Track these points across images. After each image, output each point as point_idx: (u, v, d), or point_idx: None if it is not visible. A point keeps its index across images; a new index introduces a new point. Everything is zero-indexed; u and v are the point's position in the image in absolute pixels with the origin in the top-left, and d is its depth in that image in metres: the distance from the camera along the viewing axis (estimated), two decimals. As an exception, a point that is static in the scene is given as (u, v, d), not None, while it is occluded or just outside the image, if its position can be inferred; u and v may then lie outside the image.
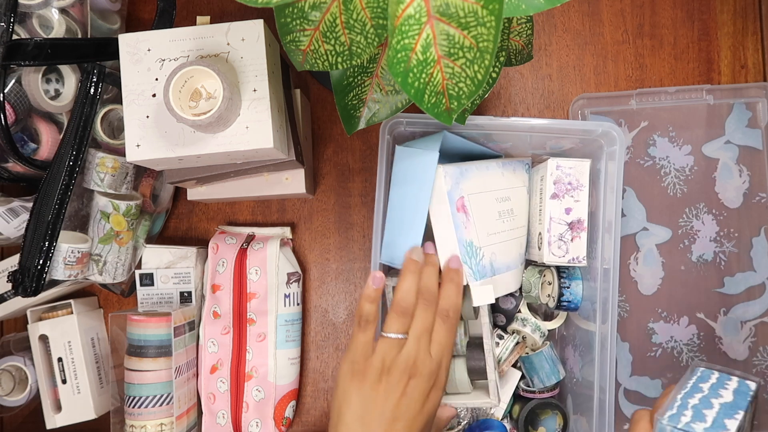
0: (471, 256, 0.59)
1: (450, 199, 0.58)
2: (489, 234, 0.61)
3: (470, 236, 0.59)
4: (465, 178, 0.59)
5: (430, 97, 0.42)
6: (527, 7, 0.41)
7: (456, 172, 0.59)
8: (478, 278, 0.59)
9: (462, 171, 0.59)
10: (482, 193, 0.61)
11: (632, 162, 0.74)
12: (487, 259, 0.60)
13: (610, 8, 0.76)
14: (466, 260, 0.58)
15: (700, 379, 0.51)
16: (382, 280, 0.55)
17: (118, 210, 0.65)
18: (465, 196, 0.59)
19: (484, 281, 0.59)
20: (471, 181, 0.60)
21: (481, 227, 0.60)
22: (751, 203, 0.73)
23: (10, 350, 0.72)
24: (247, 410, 0.69)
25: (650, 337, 0.73)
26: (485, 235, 0.60)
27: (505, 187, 0.64)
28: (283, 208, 0.77)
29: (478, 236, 0.59)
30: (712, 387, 0.49)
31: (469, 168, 0.60)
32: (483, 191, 0.61)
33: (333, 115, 0.77)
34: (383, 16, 0.43)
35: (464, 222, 0.58)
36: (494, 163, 0.63)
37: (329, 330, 0.76)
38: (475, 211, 0.60)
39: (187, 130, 0.55)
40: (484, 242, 0.60)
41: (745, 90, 0.73)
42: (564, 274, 0.66)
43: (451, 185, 0.58)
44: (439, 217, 0.58)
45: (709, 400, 0.48)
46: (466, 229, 0.59)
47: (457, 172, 0.59)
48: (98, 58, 0.61)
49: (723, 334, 0.72)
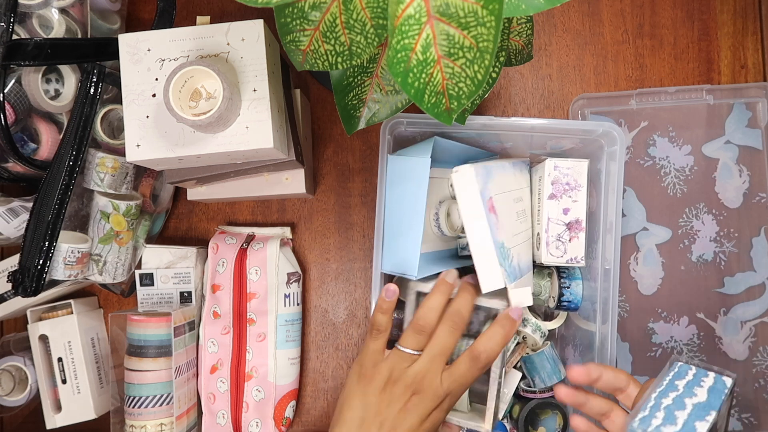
0: (504, 257, 0.56)
1: (483, 198, 0.55)
2: (513, 235, 0.59)
3: (501, 237, 0.57)
4: (491, 177, 0.57)
5: (430, 97, 0.42)
6: (527, 7, 0.41)
7: (483, 172, 0.56)
8: (512, 279, 0.57)
9: (488, 170, 0.57)
10: (504, 194, 0.59)
11: (632, 162, 0.74)
12: (515, 260, 0.59)
13: (610, 8, 0.76)
14: (502, 262, 0.56)
15: (677, 375, 0.50)
16: (395, 293, 0.55)
17: (118, 210, 0.65)
18: (493, 197, 0.57)
19: (517, 283, 0.58)
20: (495, 180, 0.58)
21: (507, 228, 0.58)
22: (751, 203, 0.73)
23: (10, 350, 0.72)
24: (247, 410, 0.69)
25: (650, 337, 0.73)
26: (511, 235, 0.59)
27: (518, 187, 0.63)
28: (283, 208, 0.77)
29: (507, 237, 0.58)
30: (688, 385, 0.48)
31: (493, 167, 0.58)
32: (505, 191, 0.59)
33: (333, 115, 0.77)
34: (383, 16, 0.44)
35: (495, 223, 0.56)
36: (508, 163, 0.62)
37: (329, 330, 0.76)
38: (502, 212, 0.58)
39: (187, 130, 0.55)
40: (510, 243, 0.58)
41: (745, 90, 0.73)
42: (564, 275, 0.66)
43: (482, 185, 0.55)
44: (473, 219, 0.55)
45: (683, 399, 0.47)
46: (498, 230, 0.56)
47: (484, 171, 0.56)
48: (98, 58, 0.61)
49: (723, 334, 0.72)
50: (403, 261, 0.58)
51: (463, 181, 0.55)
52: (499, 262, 0.55)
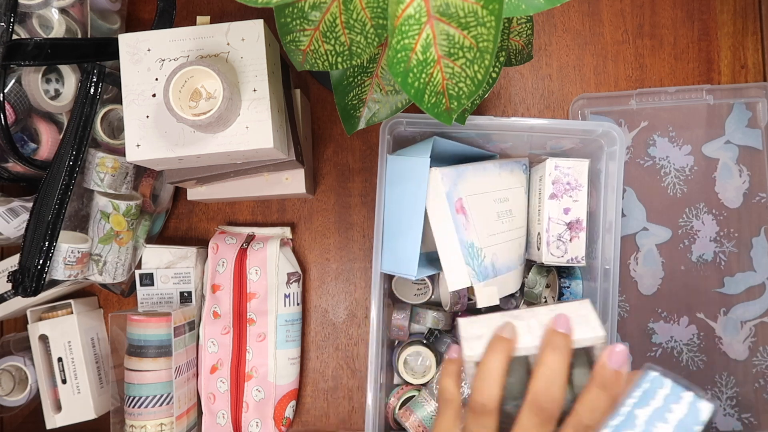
0: (473, 257, 0.58)
1: (449, 200, 0.58)
2: (489, 235, 0.61)
3: (471, 237, 0.59)
4: (462, 179, 0.59)
5: (430, 97, 0.42)
6: (527, 7, 0.41)
7: (453, 174, 0.59)
8: (481, 279, 0.59)
9: (459, 172, 0.59)
10: (480, 194, 0.61)
11: (632, 162, 0.74)
12: (488, 260, 0.60)
13: (610, 8, 0.76)
14: (469, 261, 0.58)
15: (641, 402, 0.37)
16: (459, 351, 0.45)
17: (118, 210, 0.65)
18: (463, 197, 0.59)
19: (488, 282, 0.59)
20: (468, 182, 0.60)
21: (481, 228, 0.60)
22: (751, 203, 0.73)
23: (10, 350, 0.72)
24: (247, 410, 0.69)
25: (650, 337, 0.73)
26: (486, 236, 0.60)
27: (503, 188, 0.63)
28: (283, 208, 0.77)
29: (478, 237, 0.59)
30: (652, 417, 0.36)
31: (466, 169, 0.60)
32: (481, 192, 0.61)
33: (333, 115, 0.77)
34: (383, 16, 0.44)
35: (464, 223, 0.58)
36: (491, 164, 0.63)
37: (329, 330, 0.76)
38: (475, 212, 0.59)
39: (187, 130, 0.55)
40: (484, 243, 0.60)
41: (745, 90, 0.73)
42: (564, 274, 0.66)
43: (449, 186, 0.58)
44: (439, 219, 0.58)
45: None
46: (467, 231, 0.58)
47: (454, 173, 0.59)
48: (98, 58, 0.61)
49: (723, 334, 0.72)
50: (402, 261, 0.59)
51: (431, 184, 0.58)
52: (465, 261, 0.57)
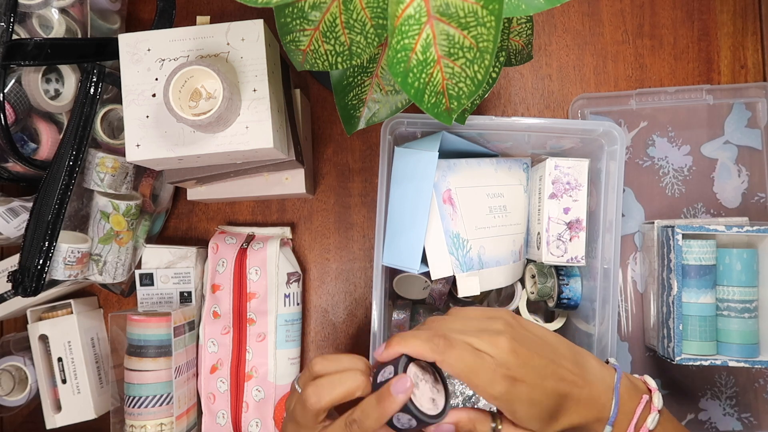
0: (457, 247, 0.59)
1: (436, 190, 0.59)
2: (477, 227, 0.61)
3: (457, 228, 0.60)
4: (453, 171, 0.61)
5: (430, 97, 0.42)
6: (527, 7, 0.41)
7: (443, 165, 0.60)
8: (465, 270, 0.60)
9: (450, 165, 0.60)
10: (471, 188, 0.62)
11: (631, 162, 0.74)
12: (474, 251, 0.61)
13: (610, 8, 0.76)
14: (453, 251, 0.59)
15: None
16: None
17: (118, 210, 0.65)
18: (452, 189, 0.60)
19: (471, 273, 0.60)
20: (459, 175, 0.61)
21: (469, 220, 0.61)
22: (749, 203, 0.73)
23: (10, 350, 0.72)
24: (247, 410, 0.69)
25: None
26: (473, 228, 0.61)
27: (497, 184, 0.64)
28: (283, 208, 0.77)
29: (465, 229, 0.60)
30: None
31: (458, 162, 0.61)
32: (472, 186, 0.62)
33: (333, 115, 0.77)
34: (383, 16, 0.44)
35: (451, 213, 0.59)
36: (488, 161, 0.64)
37: (329, 330, 0.76)
38: (463, 204, 0.60)
39: (187, 130, 0.55)
40: (471, 235, 0.61)
41: (744, 90, 0.73)
42: (563, 272, 0.66)
43: (438, 177, 0.59)
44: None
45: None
46: (453, 221, 0.60)
47: (445, 165, 0.60)
48: (98, 58, 0.61)
49: (722, 334, 0.72)
50: (405, 254, 0.59)
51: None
52: (449, 251, 0.59)
